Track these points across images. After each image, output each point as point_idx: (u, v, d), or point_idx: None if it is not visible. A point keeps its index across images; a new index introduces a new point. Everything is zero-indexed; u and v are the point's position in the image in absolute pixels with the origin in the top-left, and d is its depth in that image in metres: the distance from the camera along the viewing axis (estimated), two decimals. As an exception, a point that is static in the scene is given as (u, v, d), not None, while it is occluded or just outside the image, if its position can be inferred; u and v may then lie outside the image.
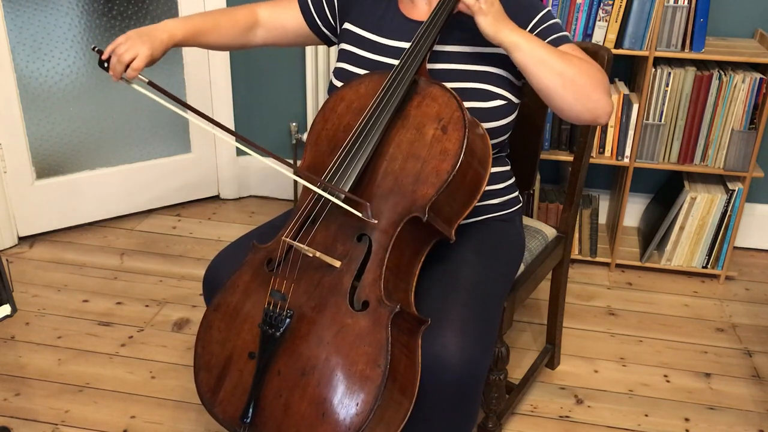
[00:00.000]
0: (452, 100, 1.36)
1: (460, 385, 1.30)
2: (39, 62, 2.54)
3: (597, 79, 1.43)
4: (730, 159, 2.38)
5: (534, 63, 1.39)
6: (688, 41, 2.29)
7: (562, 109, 1.43)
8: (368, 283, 1.28)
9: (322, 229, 1.36)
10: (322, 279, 1.31)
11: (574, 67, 1.40)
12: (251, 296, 1.38)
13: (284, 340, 1.30)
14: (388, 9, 1.57)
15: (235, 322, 1.37)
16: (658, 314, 2.36)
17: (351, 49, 1.57)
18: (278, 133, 2.95)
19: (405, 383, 1.26)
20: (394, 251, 1.31)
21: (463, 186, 1.35)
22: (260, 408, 1.29)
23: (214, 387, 1.36)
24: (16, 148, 2.58)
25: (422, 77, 1.41)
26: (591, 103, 1.42)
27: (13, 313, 1.39)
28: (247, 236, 1.59)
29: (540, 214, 2.57)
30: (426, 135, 1.35)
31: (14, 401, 1.93)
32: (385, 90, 1.38)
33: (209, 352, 1.39)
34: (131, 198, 2.87)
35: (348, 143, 1.37)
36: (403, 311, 1.26)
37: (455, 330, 1.31)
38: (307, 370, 1.26)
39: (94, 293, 2.41)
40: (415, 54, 1.40)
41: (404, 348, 1.26)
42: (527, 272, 1.71)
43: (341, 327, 1.26)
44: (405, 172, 1.34)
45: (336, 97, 1.48)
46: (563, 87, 1.40)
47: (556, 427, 1.89)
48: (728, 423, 1.92)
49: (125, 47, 1.41)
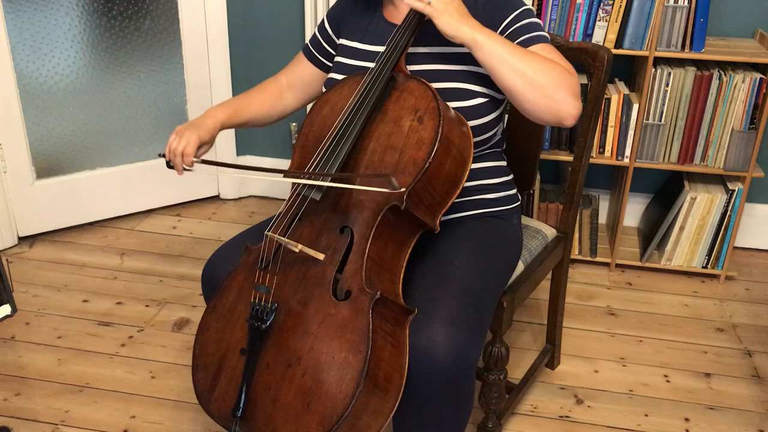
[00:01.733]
0: (428, 92, 1.39)
1: (448, 377, 1.31)
2: (39, 62, 2.54)
3: (562, 79, 1.41)
4: (730, 159, 2.38)
5: (495, 61, 1.39)
6: (688, 41, 2.29)
7: (524, 108, 1.43)
8: (350, 273, 1.31)
9: (308, 225, 1.39)
10: (308, 272, 1.34)
11: (536, 66, 1.40)
12: (243, 295, 1.41)
13: (272, 333, 1.32)
14: (374, 17, 1.61)
15: (229, 321, 1.40)
16: (658, 314, 2.36)
17: (340, 60, 1.63)
18: (278, 134, 2.95)
19: (390, 372, 1.27)
20: (376, 241, 1.33)
21: (440, 174, 1.36)
22: (251, 402, 1.31)
23: (210, 386, 1.38)
24: (16, 148, 2.58)
25: (401, 74, 1.45)
26: (553, 104, 1.40)
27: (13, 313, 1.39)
28: (245, 233, 1.62)
29: (540, 214, 2.57)
30: (403, 127, 1.38)
31: (14, 401, 1.93)
32: (364, 87, 1.43)
33: (206, 352, 1.41)
34: (131, 198, 2.87)
35: (329, 138, 1.40)
36: (386, 299, 1.28)
37: (443, 321, 1.32)
38: (293, 362, 1.28)
39: (94, 293, 2.41)
40: (390, 52, 1.44)
41: (389, 336, 1.27)
42: (527, 272, 1.71)
43: (325, 317, 1.28)
44: (384, 163, 1.36)
45: (321, 100, 1.53)
46: (524, 85, 1.39)
47: (556, 427, 1.89)
48: (728, 423, 1.92)
49: (176, 141, 1.54)
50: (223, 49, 2.79)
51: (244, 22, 2.78)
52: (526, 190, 1.90)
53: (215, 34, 2.77)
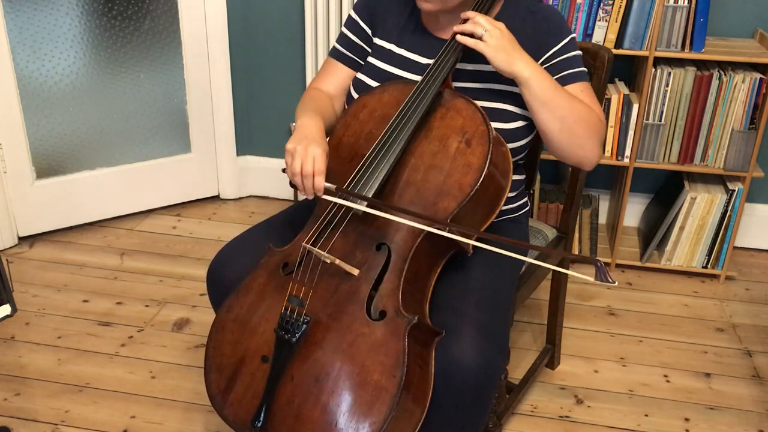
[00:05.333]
0: (477, 113, 1.36)
1: (477, 387, 1.30)
2: (39, 62, 2.54)
3: (595, 129, 1.45)
4: (730, 159, 2.38)
5: (539, 102, 1.40)
6: (688, 41, 2.29)
7: (551, 147, 1.47)
8: (386, 293, 1.27)
9: (341, 236, 1.35)
10: (340, 286, 1.31)
11: (576, 114, 1.42)
12: (266, 299, 1.37)
13: (299, 346, 1.29)
14: (410, 22, 1.57)
15: (249, 324, 1.36)
16: (658, 314, 2.36)
17: (373, 62, 1.58)
18: (278, 133, 2.95)
19: (418, 394, 1.25)
20: (413, 262, 1.30)
21: (484, 200, 1.35)
22: (272, 413, 1.28)
23: (224, 388, 1.35)
24: (16, 148, 2.58)
25: (447, 89, 1.41)
26: (581, 152, 1.45)
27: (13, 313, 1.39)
28: (251, 232, 1.58)
29: (540, 214, 2.57)
30: (449, 147, 1.35)
31: (14, 401, 1.93)
32: (411, 100, 1.38)
33: (220, 353, 1.37)
34: (131, 198, 2.87)
35: (372, 152, 1.36)
36: (420, 323, 1.26)
37: (472, 333, 1.31)
38: (321, 378, 1.25)
39: (94, 293, 2.41)
40: (440, 66, 1.41)
41: (418, 359, 1.25)
42: (527, 272, 1.72)
43: (357, 335, 1.25)
44: (427, 183, 1.34)
45: (358, 104, 1.47)
46: (560, 131, 1.42)
47: (556, 427, 1.89)
48: (728, 423, 1.92)
49: (300, 160, 1.33)
50: (223, 49, 2.79)
51: (244, 22, 2.78)
52: (527, 190, 1.89)
53: (215, 34, 2.76)
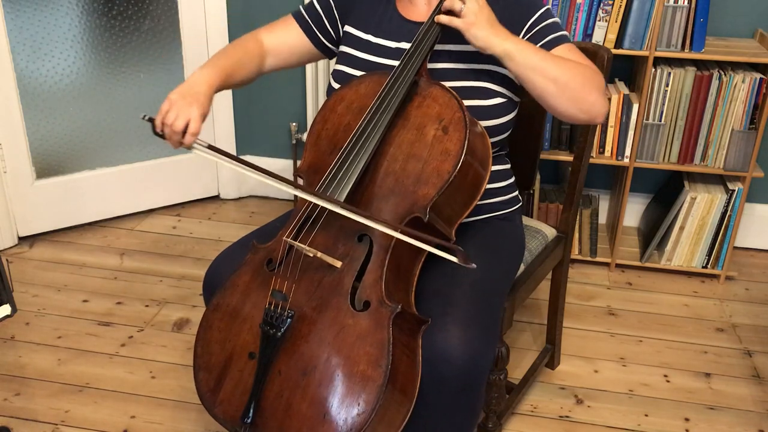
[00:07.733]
0: (453, 100, 1.36)
1: (464, 379, 1.31)
2: (39, 62, 2.54)
3: (592, 80, 1.43)
4: (730, 159, 2.38)
5: (527, 70, 1.40)
6: (688, 41, 2.29)
7: (557, 111, 1.45)
8: (369, 284, 1.28)
9: (322, 229, 1.36)
10: (323, 279, 1.31)
11: (568, 72, 1.41)
12: (251, 296, 1.38)
13: (285, 340, 1.30)
14: (387, 10, 1.56)
15: (235, 322, 1.37)
16: (658, 314, 2.36)
17: (350, 51, 1.57)
18: (278, 133, 2.95)
19: (405, 383, 1.26)
20: (395, 252, 1.31)
21: (463, 186, 1.35)
22: (261, 408, 1.29)
23: (213, 387, 1.36)
24: (16, 148, 2.58)
25: (422, 77, 1.41)
26: (586, 105, 1.43)
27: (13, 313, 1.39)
28: (248, 237, 1.59)
29: (540, 214, 2.57)
30: (427, 135, 1.35)
31: (14, 401, 1.93)
32: (386, 90, 1.38)
33: (209, 352, 1.39)
34: (131, 198, 2.87)
35: (348, 144, 1.37)
36: (404, 311, 1.26)
37: (459, 324, 1.31)
38: (308, 371, 1.26)
39: (94, 293, 2.41)
40: (415, 54, 1.40)
41: (405, 348, 1.26)
42: (527, 272, 1.71)
43: (342, 327, 1.26)
44: (406, 172, 1.34)
45: (336, 97, 1.47)
46: (557, 92, 1.41)
47: (556, 427, 1.89)
48: (728, 423, 1.92)
49: (174, 114, 1.37)
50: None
51: (244, 22, 2.78)
52: (526, 190, 1.89)
53: (215, 34, 2.76)
